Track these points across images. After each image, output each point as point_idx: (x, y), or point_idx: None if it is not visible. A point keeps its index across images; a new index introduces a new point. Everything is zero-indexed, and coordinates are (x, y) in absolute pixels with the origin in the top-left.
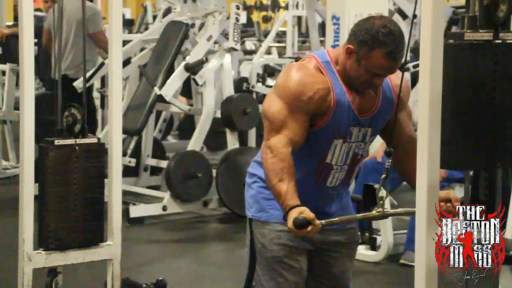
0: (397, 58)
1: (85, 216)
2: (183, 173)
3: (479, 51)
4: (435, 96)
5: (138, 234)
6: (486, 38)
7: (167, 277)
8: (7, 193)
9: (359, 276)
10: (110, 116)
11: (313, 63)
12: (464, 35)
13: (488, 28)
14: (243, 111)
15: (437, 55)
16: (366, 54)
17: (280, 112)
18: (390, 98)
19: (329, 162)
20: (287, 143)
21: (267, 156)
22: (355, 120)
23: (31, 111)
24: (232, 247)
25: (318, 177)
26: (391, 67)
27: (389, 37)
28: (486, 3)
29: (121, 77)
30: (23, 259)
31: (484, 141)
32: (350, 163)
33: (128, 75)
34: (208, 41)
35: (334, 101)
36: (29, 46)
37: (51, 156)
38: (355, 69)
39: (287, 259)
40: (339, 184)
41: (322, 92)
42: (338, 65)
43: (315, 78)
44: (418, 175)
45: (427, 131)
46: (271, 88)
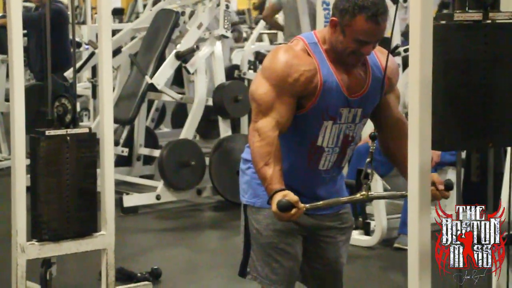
0: (380, 21)
1: (78, 206)
2: (176, 161)
3: (469, 31)
4: (425, 79)
5: (132, 223)
6: (476, 19)
7: (162, 266)
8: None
9: (354, 261)
10: (101, 106)
11: (300, 45)
12: (453, 16)
13: (478, 9)
14: (235, 98)
15: (426, 38)
16: (349, 21)
17: (267, 94)
18: (380, 78)
19: (320, 145)
20: (274, 126)
21: (255, 139)
22: (345, 101)
23: (21, 102)
24: (227, 235)
25: (310, 161)
26: (375, 31)
27: (368, 1)
28: None
29: (111, 66)
30: (16, 250)
31: (475, 122)
32: (342, 145)
33: (119, 64)
34: (198, 29)
35: (321, 82)
36: (18, 37)
37: (43, 147)
38: (341, 41)
39: (282, 245)
40: (332, 167)
41: (308, 74)
42: (325, 43)
43: (301, 60)
44: (409, 159)
45: (418, 114)
46: (259, 70)
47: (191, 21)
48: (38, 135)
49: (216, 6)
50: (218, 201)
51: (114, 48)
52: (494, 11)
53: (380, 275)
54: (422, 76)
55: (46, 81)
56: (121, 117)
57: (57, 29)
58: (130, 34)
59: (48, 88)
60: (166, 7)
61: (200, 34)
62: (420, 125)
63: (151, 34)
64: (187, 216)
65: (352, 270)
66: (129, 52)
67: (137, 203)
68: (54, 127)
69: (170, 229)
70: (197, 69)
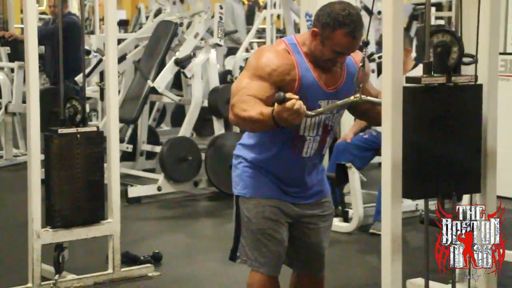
0: (357, 36)
1: (87, 196)
2: (175, 157)
3: (434, 93)
4: (396, 82)
5: (136, 212)
6: (440, 82)
7: (162, 250)
8: (17, 177)
9: (334, 245)
10: (108, 107)
11: (281, 46)
12: (421, 80)
13: (442, 73)
14: (228, 100)
15: (398, 46)
16: (329, 34)
17: (244, 82)
18: (354, 72)
19: (302, 134)
20: (248, 96)
21: (234, 111)
22: (322, 93)
23: (36, 104)
24: (221, 222)
25: (294, 149)
26: (352, 45)
27: (348, 18)
28: (440, 51)
29: (117, 72)
30: (32, 236)
31: (441, 173)
32: (322, 134)
33: (124, 70)
34: (195, 38)
35: (299, 76)
36: (34, 46)
37: (56, 144)
38: (320, 49)
39: (270, 231)
40: (314, 154)
41: (286, 67)
42: (304, 46)
43: (280, 56)
44: (383, 157)
45: (390, 116)
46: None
47: (188, 31)
48: (51, 133)
49: (211, 17)
50: (212, 192)
51: (119, 56)
52: (456, 74)
53: (358, 257)
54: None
55: (59, 85)
56: (126, 117)
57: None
58: (134, 43)
59: (60, 91)
60: (166, 18)
61: (196, 42)
62: (392, 127)
63: (152, 43)
64: (185, 206)
65: (333, 253)
66: (133, 59)
67: (140, 194)
68: (65, 126)
69: (169, 217)
70: (194, 74)
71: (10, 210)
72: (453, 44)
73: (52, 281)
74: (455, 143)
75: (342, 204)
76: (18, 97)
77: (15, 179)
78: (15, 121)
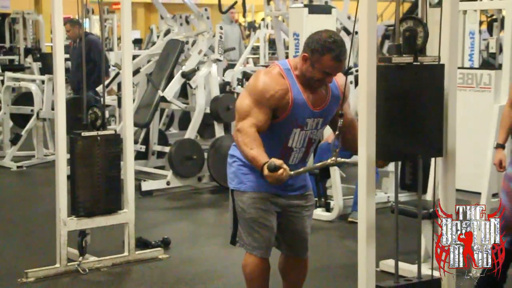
0: (342, 59)
1: (106, 190)
2: (182, 156)
3: (403, 71)
4: (371, 91)
5: (148, 203)
6: (408, 61)
7: (171, 236)
8: (47, 174)
9: (318, 231)
10: (124, 113)
11: (276, 70)
12: (391, 59)
13: (410, 53)
14: (227, 107)
15: (371, 61)
16: (318, 59)
17: (247, 104)
18: (337, 95)
19: (290, 146)
20: (252, 125)
21: (238, 136)
22: (310, 113)
23: (63, 111)
24: (221, 212)
25: (282, 157)
26: (338, 67)
27: (334, 44)
28: (408, 35)
29: (131, 83)
30: (59, 223)
31: (408, 139)
32: (306, 146)
33: (138, 81)
34: (199, 54)
35: (292, 99)
36: (61, 62)
37: (79, 145)
38: (311, 71)
39: (261, 219)
40: (298, 162)
41: (281, 92)
42: (296, 70)
43: (276, 81)
44: (359, 153)
45: (366, 119)
46: (244, 88)
47: (193, 48)
48: (76, 136)
49: (213, 37)
50: (214, 186)
51: (134, 69)
52: (422, 55)
53: (338, 242)
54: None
55: (83, 94)
56: (140, 122)
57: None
58: (146, 58)
59: (83, 100)
60: (174, 37)
61: (200, 58)
62: (367, 128)
63: (162, 58)
64: (190, 198)
65: (316, 239)
66: (146, 72)
67: (152, 187)
68: (88, 129)
69: (177, 208)
70: (197, 85)
71: (40, 202)
72: (419, 28)
73: (76, 262)
74: (420, 114)
75: (325, 196)
76: (48, 105)
77: (45, 175)
78: (45, 126)
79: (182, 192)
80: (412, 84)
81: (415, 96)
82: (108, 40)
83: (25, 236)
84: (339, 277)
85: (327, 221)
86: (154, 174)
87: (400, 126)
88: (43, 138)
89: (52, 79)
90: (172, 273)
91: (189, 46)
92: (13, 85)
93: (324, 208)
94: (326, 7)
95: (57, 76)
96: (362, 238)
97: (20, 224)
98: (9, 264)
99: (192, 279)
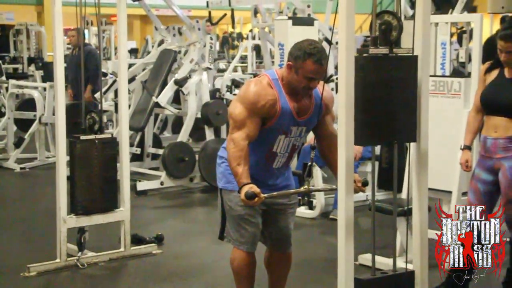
0: (323, 63)
1: (104, 190)
2: (175, 157)
3: (379, 61)
4: (349, 98)
5: (143, 202)
6: (384, 52)
7: (164, 232)
8: (48, 175)
9: (301, 228)
10: (120, 118)
11: (265, 80)
12: (368, 50)
13: (385, 45)
14: (217, 113)
15: (350, 70)
16: (301, 65)
17: (241, 114)
18: (320, 105)
19: (275, 151)
20: (245, 138)
21: (230, 146)
22: (295, 121)
23: (63, 116)
24: (211, 210)
25: (267, 161)
26: (320, 70)
27: (315, 50)
28: (384, 28)
29: (127, 90)
30: (60, 221)
31: (384, 125)
32: (290, 151)
33: (133, 88)
34: (190, 63)
35: (280, 108)
36: (61, 70)
37: (78, 148)
38: (296, 79)
39: (248, 216)
40: (281, 165)
41: (271, 102)
42: (283, 80)
43: (266, 91)
44: (339, 155)
45: (344, 123)
46: (235, 96)
47: (185, 58)
48: (75, 139)
49: (203, 47)
50: (205, 186)
51: (130, 77)
52: (397, 47)
53: (320, 237)
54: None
55: (81, 101)
56: (135, 126)
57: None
58: (142, 67)
59: (82, 106)
60: (167, 47)
61: (191, 66)
62: (346, 131)
63: (157, 67)
64: (183, 197)
65: (300, 234)
66: (141, 80)
67: (147, 187)
68: (86, 133)
69: (170, 206)
70: (189, 92)
71: (42, 201)
72: (395, 23)
73: (75, 257)
74: (395, 102)
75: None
76: (49, 110)
77: (47, 176)
78: (47, 130)
79: (175, 191)
80: (388, 74)
81: (391, 85)
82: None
83: (27, 233)
84: (321, 270)
85: (310, 218)
86: (149, 175)
87: (376, 113)
88: (45, 142)
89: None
90: (165, 267)
91: (181, 56)
92: (17, 92)
93: (307, 206)
94: (309, 19)
95: (57, 83)
96: (342, 234)
97: (22, 222)
98: (12, 259)
99: (184, 272)
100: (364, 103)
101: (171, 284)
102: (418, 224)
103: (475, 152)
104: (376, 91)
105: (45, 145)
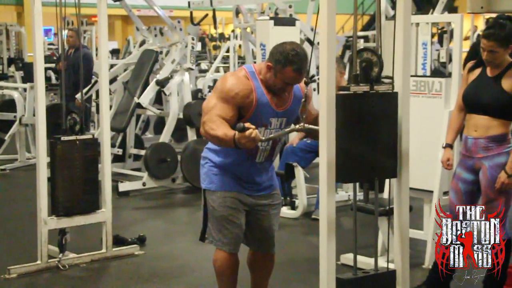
0: (302, 72)
1: (85, 191)
2: (157, 158)
3: (360, 99)
4: (330, 98)
5: (125, 203)
6: (365, 90)
7: (146, 233)
8: (29, 176)
9: (283, 228)
10: (101, 119)
11: (242, 73)
12: (350, 88)
13: (366, 82)
14: (199, 113)
15: (331, 70)
16: (281, 69)
17: (213, 102)
18: (299, 96)
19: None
20: (216, 115)
21: (205, 127)
22: (273, 113)
23: (43, 117)
24: (193, 211)
25: (248, 156)
26: (298, 78)
27: (296, 57)
28: (364, 65)
29: (108, 90)
30: (40, 223)
31: (366, 162)
32: (272, 145)
33: (115, 89)
34: (172, 63)
35: (256, 99)
36: (41, 70)
37: (59, 149)
38: (273, 80)
39: (231, 217)
40: (264, 160)
41: (245, 92)
42: (261, 75)
43: (241, 82)
44: (320, 157)
45: (325, 125)
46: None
47: (167, 58)
48: (55, 140)
49: (185, 47)
50: (187, 186)
51: (111, 78)
52: (378, 84)
53: (302, 237)
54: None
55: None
56: (117, 127)
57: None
58: (123, 67)
59: (62, 106)
60: (149, 48)
61: (173, 67)
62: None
63: (138, 67)
64: (165, 198)
65: (283, 234)
66: (122, 80)
67: (129, 188)
68: (67, 134)
69: (152, 207)
70: (171, 92)
71: (23, 202)
72: (375, 60)
73: (57, 259)
74: (376, 139)
75: (290, 195)
76: (29, 111)
77: (27, 177)
78: (27, 131)
79: (157, 192)
80: (369, 111)
81: (371, 122)
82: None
83: (7, 235)
84: (303, 270)
85: (292, 219)
86: (131, 175)
87: (357, 150)
88: (25, 143)
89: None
90: (147, 268)
91: (163, 56)
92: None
93: (290, 206)
94: (290, 19)
95: (37, 84)
96: (323, 234)
97: (3, 224)
98: None
99: (166, 273)
100: (346, 141)
101: (153, 285)
102: (399, 223)
103: (457, 152)
104: (357, 129)
105: (25, 146)
